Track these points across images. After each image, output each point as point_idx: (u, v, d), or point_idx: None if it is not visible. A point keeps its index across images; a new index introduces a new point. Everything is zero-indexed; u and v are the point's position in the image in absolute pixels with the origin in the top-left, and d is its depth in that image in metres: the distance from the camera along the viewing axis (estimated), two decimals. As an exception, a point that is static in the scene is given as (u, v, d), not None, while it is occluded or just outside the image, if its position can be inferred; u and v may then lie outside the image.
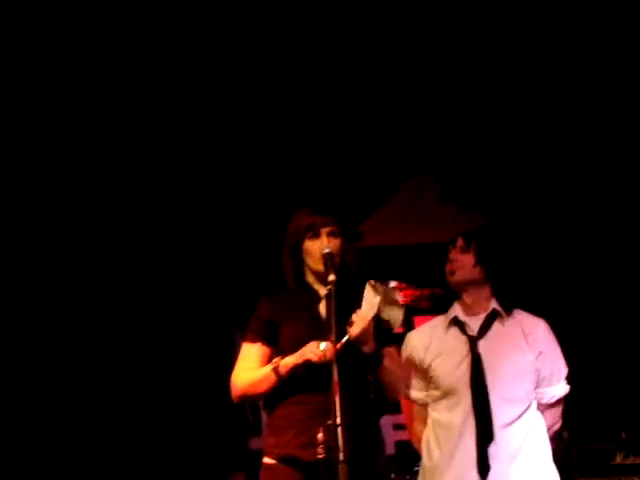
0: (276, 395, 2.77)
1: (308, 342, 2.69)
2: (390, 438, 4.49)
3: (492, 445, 2.83)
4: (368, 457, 2.68)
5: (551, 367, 2.96)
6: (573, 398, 3.10)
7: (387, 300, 2.70)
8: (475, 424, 2.86)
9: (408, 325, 4.37)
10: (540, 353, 2.94)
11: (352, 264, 2.85)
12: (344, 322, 2.65)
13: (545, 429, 2.95)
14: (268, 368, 2.74)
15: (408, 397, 3.06)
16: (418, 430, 3.05)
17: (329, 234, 2.83)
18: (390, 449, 4.45)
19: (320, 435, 2.54)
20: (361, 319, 2.65)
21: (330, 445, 2.44)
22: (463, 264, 2.97)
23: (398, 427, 4.47)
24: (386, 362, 2.76)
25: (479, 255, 2.97)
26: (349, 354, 2.61)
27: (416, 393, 3.03)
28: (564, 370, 3.00)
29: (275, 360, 2.75)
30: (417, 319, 4.52)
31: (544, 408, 2.98)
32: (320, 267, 2.78)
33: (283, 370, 2.71)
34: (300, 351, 2.68)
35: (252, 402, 2.93)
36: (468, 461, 2.85)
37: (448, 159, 4.60)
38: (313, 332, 2.73)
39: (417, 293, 4.80)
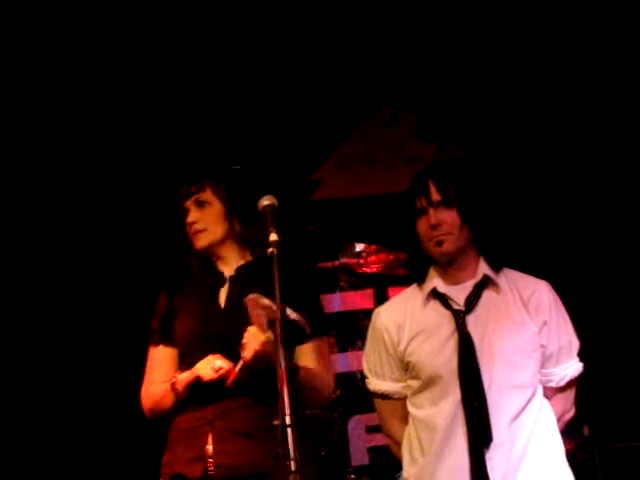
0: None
1: (197, 339, 2.84)
2: (362, 444, 4.61)
3: (490, 448, 2.76)
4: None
5: (559, 341, 2.90)
6: (592, 384, 3.13)
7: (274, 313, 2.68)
8: (466, 421, 2.78)
9: (381, 299, 4.39)
10: (544, 323, 2.87)
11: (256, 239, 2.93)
12: (244, 315, 2.70)
13: (555, 420, 2.89)
14: (167, 385, 2.86)
15: (375, 389, 2.99)
16: (396, 431, 2.99)
17: (196, 205, 2.96)
18: (363, 458, 4.57)
19: (209, 447, 2.73)
20: (253, 339, 2.70)
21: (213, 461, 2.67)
22: (450, 227, 2.85)
23: (372, 429, 4.52)
24: (305, 363, 2.83)
25: (465, 210, 2.85)
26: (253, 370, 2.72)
27: (390, 385, 2.96)
28: (575, 343, 2.94)
29: (174, 375, 2.86)
30: (392, 290, 4.56)
31: (552, 393, 2.93)
32: (196, 245, 2.94)
33: (179, 387, 2.83)
34: (194, 367, 2.79)
35: (165, 418, 3.01)
36: (459, 470, 2.78)
37: (426, 83, 4.63)
38: (204, 326, 2.85)
39: (390, 257, 4.78)
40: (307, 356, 2.87)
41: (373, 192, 4.77)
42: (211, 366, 2.75)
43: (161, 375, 2.92)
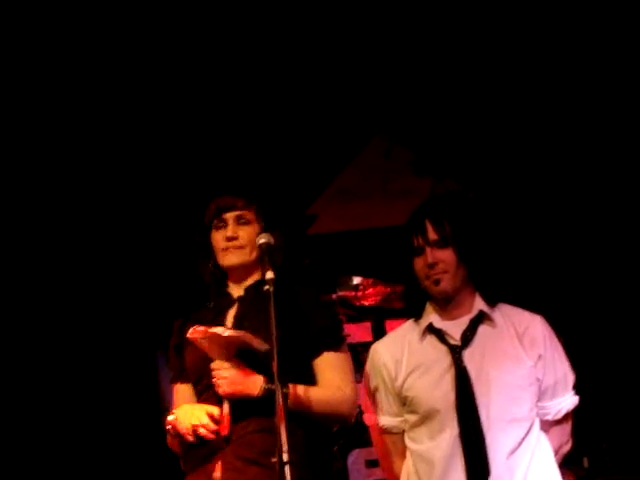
0: None
1: (205, 366, 2.76)
2: (362, 478, 4.61)
3: (488, 482, 2.80)
4: None
5: (555, 374, 2.96)
6: (592, 415, 3.22)
7: (225, 341, 2.70)
8: (463, 455, 2.83)
9: (379, 332, 4.42)
10: (539, 357, 2.93)
11: (277, 261, 2.85)
12: (261, 333, 2.70)
13: (552, 453, 2.94)
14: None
15: (373, 423, 3.04)
16: (395, 466, 3.03)
17: (237, 221, 2.90)
18: (364, 492, 4.54)
19: (217, 474, 2.66)
20: (219, 376, 2.71)
21: None
22: (447, 265, 2.92)
23: (372, 464, 4.53)
24: (321, 378, 2.81)
25: (461, 249, 2.92)
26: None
27: (388, 419, 3.01)
28: (571, 377, 3.00)
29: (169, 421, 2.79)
30: (389, 323, 4.62)
31: (549, 426, 2.97)
32: (225, 261, 2.87)
33: (173, 432, 2.77)
34: (177, 420, 2.73)
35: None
36: (457, 504, 2.81)
37: (420, 116, 4.66)
38: (209, 357, 2.77)
39: (388, 290, 4.81)
40: (323, 370, 2.86)
41: (369, 225, 4.79)
42: (192, 424, 2.69)
43: None
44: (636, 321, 4.53)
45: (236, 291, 2.94)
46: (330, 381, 2.86)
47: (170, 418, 2.78)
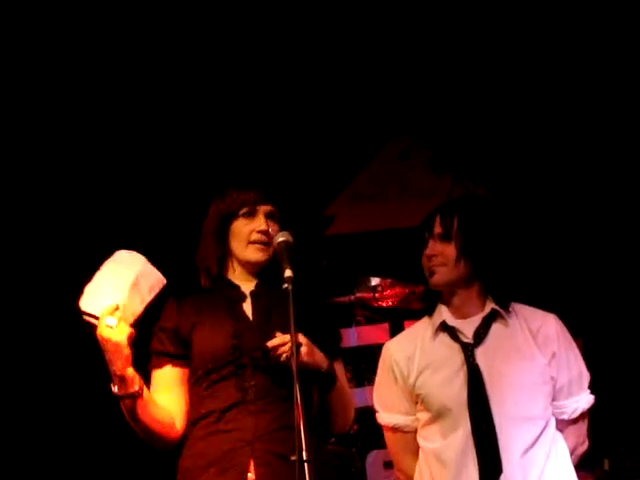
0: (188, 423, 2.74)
1: (228, 353, 2.70)
2: (380, 479, 4.62)
3: (501, 480, 2.77)
4: None
5: (569, 372, 2.96)
6: (612, 416, 3.21)
7: None
8: (476, 454, 2.82)
9: (397, 333, 4.43)
10: (553, 355, 2.94)
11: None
12: (272, 327, 2.69)
13: (568, 454, 2.93)
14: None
15: (385, 422, 3.05)
16: (407, 465, 3.05)
17: (268, 215, 2.87)
18: (381, 493, 4.52)
19: (251, 476, 2.55)
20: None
21: None
22: (445, 259, 2.94)
23: (390, 465, 4.35)
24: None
25: (463, 244, 2.93)
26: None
27: (400, 418, 3.02)
28: (585, 375, 3.00)
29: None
30: (408, 324, 4.51)
31: (564, 426, 2.97)
32: (250, 255, 2.83)
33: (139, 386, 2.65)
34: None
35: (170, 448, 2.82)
36: (471, 503, 2.79)
37: (439, 116, 4.67)
38: (236, 339, 2.73)
39: (406, 291, 4.81)
40: (339, 376, 2.87)
41: (387, 226, 4.79)
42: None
43: (170, 400, 2.77)
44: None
45: (245, 285, 2.89)
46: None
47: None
